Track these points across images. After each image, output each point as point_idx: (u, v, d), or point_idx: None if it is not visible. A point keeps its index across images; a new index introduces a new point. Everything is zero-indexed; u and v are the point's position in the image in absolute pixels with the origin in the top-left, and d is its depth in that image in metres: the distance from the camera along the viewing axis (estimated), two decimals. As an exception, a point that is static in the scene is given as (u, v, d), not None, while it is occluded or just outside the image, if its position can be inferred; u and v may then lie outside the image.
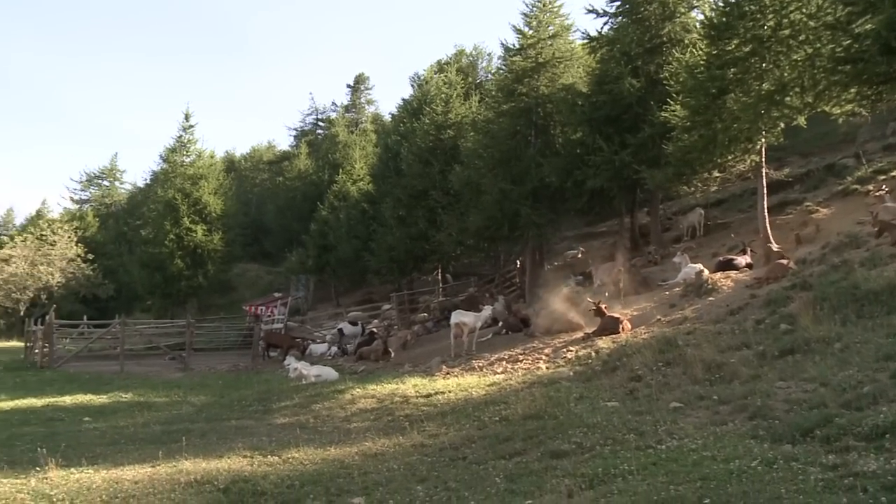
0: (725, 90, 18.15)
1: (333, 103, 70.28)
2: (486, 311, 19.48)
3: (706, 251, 21.92)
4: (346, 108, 66.88)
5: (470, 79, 42.81)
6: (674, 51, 22.61)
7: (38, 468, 9.00)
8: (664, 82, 21.55)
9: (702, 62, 19.00)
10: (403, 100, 41.78)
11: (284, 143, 74.79)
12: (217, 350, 30.45)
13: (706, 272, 17.08)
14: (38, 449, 10.03)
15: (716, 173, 20.95)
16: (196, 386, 19.48)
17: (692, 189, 23.14)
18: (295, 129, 72.65)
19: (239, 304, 42.96)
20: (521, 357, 14.98)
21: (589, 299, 17.26)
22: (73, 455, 9.95)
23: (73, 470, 8.98)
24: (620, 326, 14.62)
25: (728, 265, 17.72)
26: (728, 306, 13.84)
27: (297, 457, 9.17)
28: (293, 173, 57.09)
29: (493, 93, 28.76)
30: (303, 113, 73.13)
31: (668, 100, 20.26)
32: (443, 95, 33.22)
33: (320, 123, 69.98)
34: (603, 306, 15.71)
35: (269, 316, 33.54)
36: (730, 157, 19.33)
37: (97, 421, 14.13)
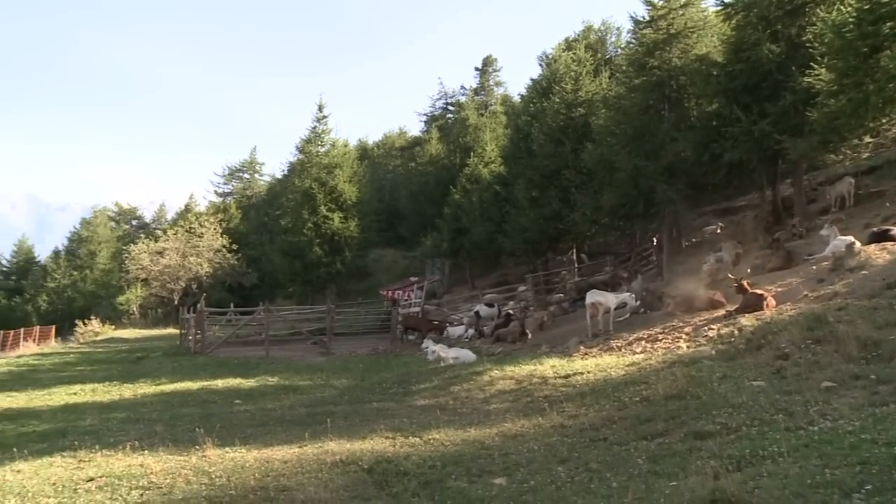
0: (879, 48, 16.90)
1: (462, 87, 70.54)
2: (624, 294, 19.18)
3: (857, 222, 20.63)
4: (475, 91, 66.92)
5: (599, 55, 41.92)
6: (818, 10, 21.27)
7: (197, 447, 9.56)
8: (807, 45, 20.34)
9: (851, 19, 17.74)
10: (532, 80, 41.26)
11: (415, 128, 75.57)
12: (356, 334, 31.19)
13: (858, 244, 16.10)
14: (197, 429, 10.67)
15: (867, 139, 19.69)
16: (338, 369, 20.06)
17: (840, 157, 21.85)
18: (425, 115, 73.38)
19: (376, 288, 43.91)
20: (660, 336, 14.63)
21: (730, 276, 16.67)
22: (226, 435, 10.48)
23: (227, 449, 9.47)
24: (764, 303, 13.99)
25: (883, 236, 16.60)
26: (884, 280, 12.93)
27: (438, 438, 9.31)
28: (425, 158, 57.68)
29: (624, 68, 28.07)
30: (432, 98, 73.74)
31: (812, 63, 19.13)
32: (572, 73, 32.68)
33: (450, 107, 70.32)
34: (745, 283, 15.11)
35: (406, 300, 34.11)
36: (884, 121, 18.08)
37: (247, 403, 14.81)
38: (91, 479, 8.37)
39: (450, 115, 68.63)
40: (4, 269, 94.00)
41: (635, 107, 25.30)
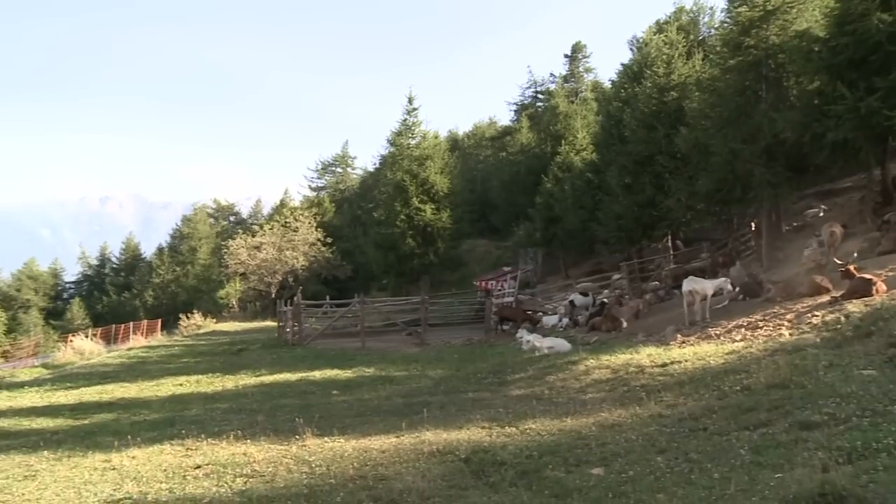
0: None
1: (551, 74, 69.96)
2: (721, 280, 18.73)
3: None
4: (565, 79, 66.27)
5: (692, 36, 40.91)
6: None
7: (297, 436, 9.80)
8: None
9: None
10: (623, 65, 40.52)
11: (505, 118, 75.54)
12: (451, 325, 31.31)
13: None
14: (296, 419, 10.93)
15: None
16: (433, 360, 20.20)
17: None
18: (515, 104, 73.11)
19: (469, 279, 44.01)
20: (760, 323, 14.21)
21: (836, 260, 16.04)
22: (325, 425, 10.70)
23: (326, 439, 9.68)
24: (873, 288, 13.39)
25: None
26: None
27: (534, 427, 9.28)
28: (515, 147, 57.52)
29: (718, 48, 27.20)
30: (521, 87, 73.40)
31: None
32: (664, 56, 31.97)
33: (539, 96, 69.86)
34: (852, 267, 14.51)
35: (500, 290, 34.06)
36: None
37: (344, 394, 15.07)
38: (198, 467, 8.70)
39: (540, 104, 68.19)
40: (114, 266, 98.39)
41: (731, 88, 24.52)
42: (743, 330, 14.22)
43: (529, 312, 27.62)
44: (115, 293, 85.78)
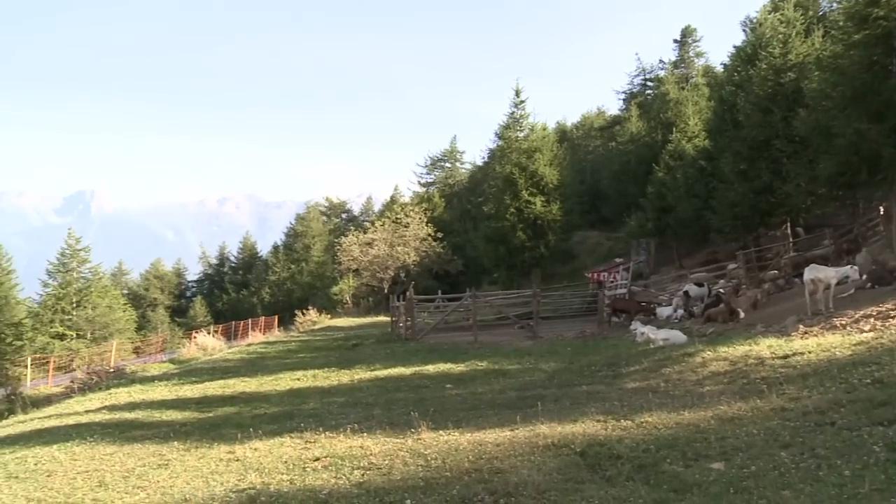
0: None
1: (661, 61, 68.34)
2: (846, 268, 17.90)
3: None
4: (675, 65, 64.56)
5: (811, 12, 39.11)
6: None
7: (412, 430, 9.93)
8: None
9: None
10: (735, 47, 39.13)
11: (614, 107, 74.30)
12: (563, 317, 31.09)
13: None
14: (411, 412, 11.07)
15: None
16: (545, 353, 20.07)
17: None
18: (623, 92, 71.85)
19: (581, 271, 43.57)
20: (892, 313, 13.50)
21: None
22: (440, 418, 10.79)
23: (441, 432, 9.76)
24: None
25: None
26: None
27: (651, 421, 9.11)
28: (625, 137, 56.52)
29: (841, 23, 25.84)
30: (630, 75, 72.01)
31: None
32: (780, 36, 30.68)
33: (648, 83, 68.44)
34: None
35: (612, 281, 33.58)
36: None
37: (458, 388, 15.16)
38: (317, 459, 8.93)
39: (649, 91, 66.79)
40: (233, 264, 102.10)
41: (855, 65, 23.27)
42: (872, 320, 13.55)
43: (643, 304, 27.13)
44: (233, 291, 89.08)
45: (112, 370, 29.60)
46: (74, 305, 59.63)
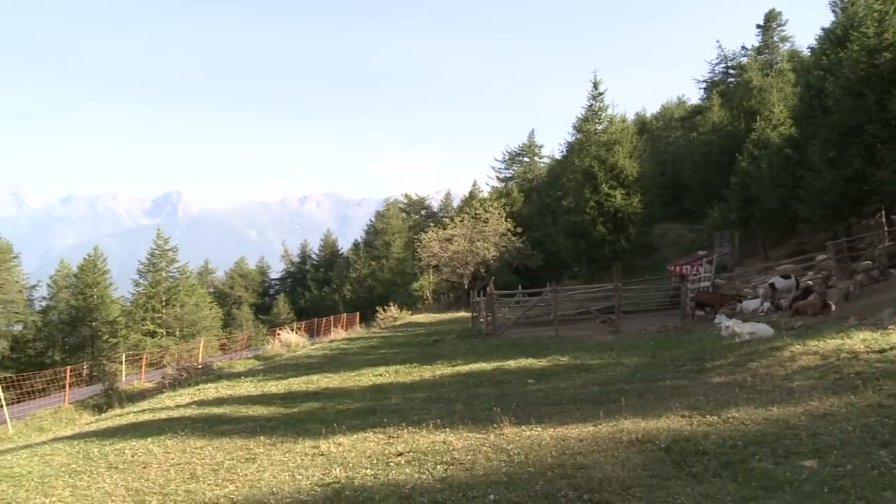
0: None
1: (743, 47, 66.63)
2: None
3: None
4: (758, 51, 62.76)
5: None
6: None
7: (494, 425, 9.91)
8: None
9: None
10: (824, 29, 37.70)
11: (694, 96, 72.83)
12: (645, 311, 30.67)
13: None
14: (493, 408, 11.06)
15: None
16: (628, 347, 19.80)
17: None
18: (704, 81, 70.36)
19: (662, 264, 42.95)
20: None
21: None
22: (522, 414, 10.74)
23: (523, 427, 9.71)
24: None
25: None
26: None
27: (738, 416, 8.89)
28: (707, 127, 55.31)
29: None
30: (711, 63, 70.42)
31: None
32: (874, 14, 29.34)
33: (731, 71, 66.85)
34: None
35: (695, 274, 32.96)
36: None
37: (539, 383, 15.06)
38: (400, 454, 8.99)
39: (731, 79, 65.20)
40: (314, 262, 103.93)
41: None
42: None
43: (728, 297, 26.51)
44: (315, 288, 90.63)
45: (200, 366, 30.46)
46: (164, 304, 61.59)
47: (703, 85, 70.35)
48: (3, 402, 26.65)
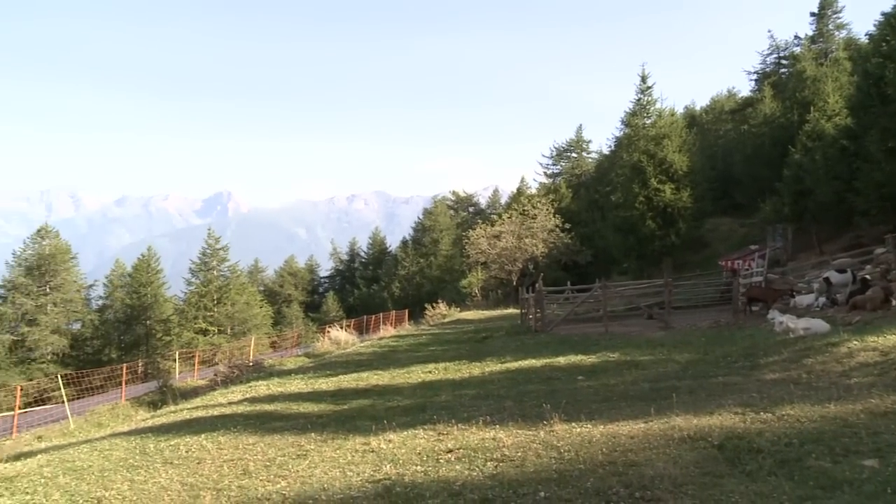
0: None
1: (796, 36, 65.38)
2: None
3: None
4: (812, 40, 61.44)
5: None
6: None
7: (544, 422, 9.85)
8: None
9: None
10: (884, 14, 36.58)
11: (745, 88, 71.62)
12: (695, 307, 30.26)
13: None
14: (543, 405, 10.99)
15: None
16: (678, 343, 19.53)
17: None
18: (756, 72, 69.17)
19: (713, 259, 42.34)
20: None
21: None
22: (572, 410, 10.65)
23: (574, 424, 9.63)
24: None
25: None
26: None
27: (793, 414, 8.70)
28: (758, 119, 54.39)
29: None
30: (762, 54, 69.19)
31: None
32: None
33: (783, 61, 65.68)
34: None
35: (747, 269, 32.41)
36: None
37: (589, 379, 14.94)
38: (450, 451, 8.97)
39: (783, 70, 64.05)
40: (363, 260, 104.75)
41: None
42: None
43: (781, 292, 26.02)
44: (364, 286, 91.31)
45: (251, 364, 30.86)
46: (215, 302, 62.57)
47: (755, 76, 69.22)
48: (65, 399, 27.43)
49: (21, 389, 26.32)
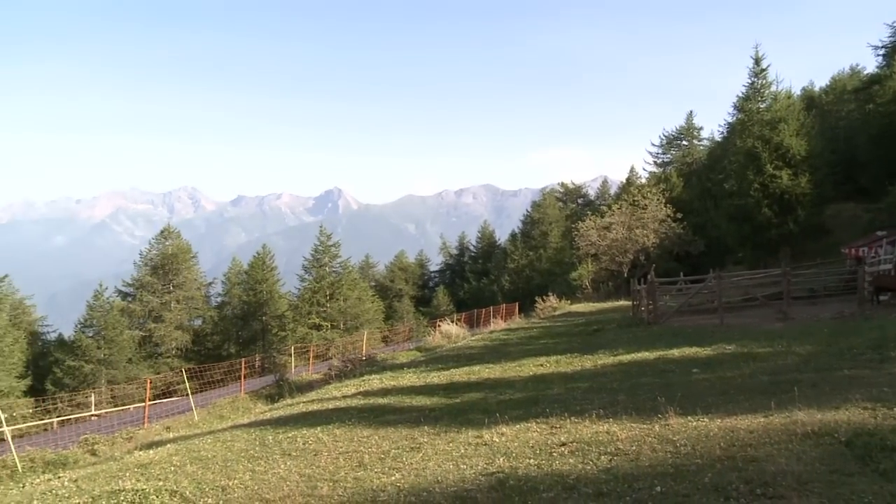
0: None
1: (929, 5, 61.75)
2: None
3: None
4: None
5: None
6: None
7: (658, 415, 9.64)
8: None
9: None
10: None
11: (870, 64, 67.96)
12: (816, 297, 29.07)
13: None
14: (657, 398, 10.76)
15: None
16: (799, 335, 18.76)
17: None
18: (883, 47, 65.38)
19: (836, 247, 40.50)
20: None
21: None
22: (687, 404, 10.39)
23: (689, 418, 9.39)
24: None
25: None
26: None
27: (931, 410, 8.22)
28: (886, 96, 51.54)
29: None
30: (890, 26, 65.37)
31: None
32: None
33: (914, 31, 61.95)
34: None
35: (874, 257, 30.86)
36: None
37: (704, 372, 14.52)
38: (563, 444, 8.88)
39: (916, 40, 60.45)
40: (472, 254, 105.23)
41: None
42: None
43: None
44: (474, 279, 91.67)
45: (364, 358, 31.41)
46: (328, 298, 64.05)
47: (882, 51, 65.41)
48: (189, 391, 28.69)
49: (150, 382, 27.63)
